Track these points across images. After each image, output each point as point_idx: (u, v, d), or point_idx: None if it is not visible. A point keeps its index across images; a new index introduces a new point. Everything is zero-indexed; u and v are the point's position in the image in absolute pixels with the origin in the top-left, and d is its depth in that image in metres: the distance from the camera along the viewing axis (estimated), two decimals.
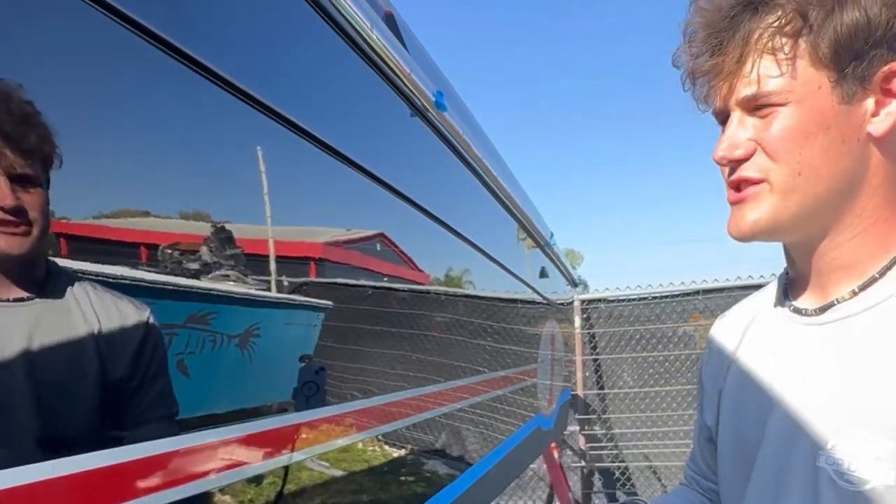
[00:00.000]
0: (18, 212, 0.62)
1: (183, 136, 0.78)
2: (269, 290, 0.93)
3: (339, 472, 1.15)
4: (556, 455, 4.56)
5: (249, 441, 0.84)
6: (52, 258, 0.64)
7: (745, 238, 0.75)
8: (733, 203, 0.75)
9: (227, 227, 0.84)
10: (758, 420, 0.79)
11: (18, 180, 0.61)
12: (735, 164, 0.72)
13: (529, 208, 2.74)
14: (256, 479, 0.87)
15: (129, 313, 0.71)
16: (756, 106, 0.70)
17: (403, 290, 1.60)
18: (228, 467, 0.79)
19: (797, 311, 0.78)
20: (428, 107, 1.33)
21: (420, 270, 1.61)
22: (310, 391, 1.06)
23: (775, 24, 0.67)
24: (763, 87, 0.69)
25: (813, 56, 0.67)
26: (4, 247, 0.63)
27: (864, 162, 0.69)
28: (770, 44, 0.68)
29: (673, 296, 5.08)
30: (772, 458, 0.77)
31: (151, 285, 0.73)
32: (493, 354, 2.29)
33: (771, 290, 0.88)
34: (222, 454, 0.79)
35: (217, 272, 0.84)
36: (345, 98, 1.19)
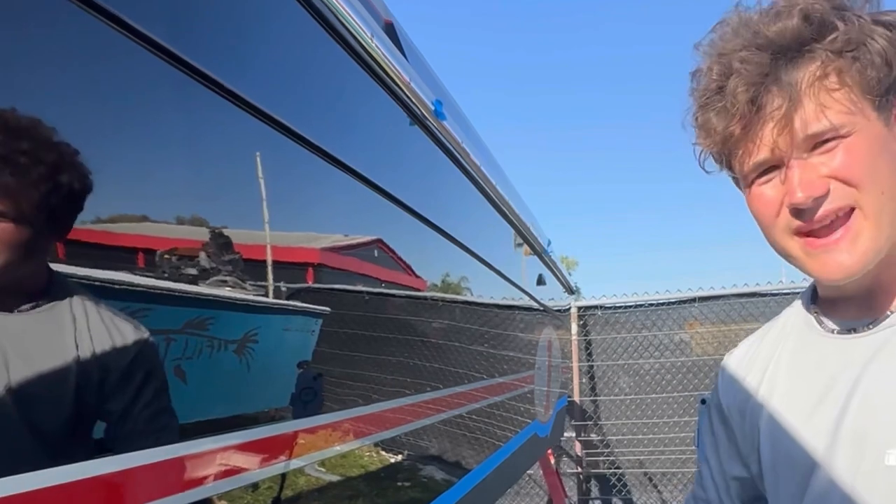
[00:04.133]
0: (17, 219, 0.62)
1: (183, 143, 0.79)
2: (267, 295, 0.94)
3: (336, 479, 1.15)
4: (552, 461, 4.56)
5: (247, 448, 0.85)
6: (49, 264, 0.65)
7: (850, 278, 0.74)
8: (821, 247, 0.74)
9: (226, 232, 0.84)
10: (816, 440, 0.79)
11: (16, 187, 0.62)
12: (817, 203, 0.72)
13: (527, 215, 2.75)
14: (254, 486, 0.87)
15: (127, 321, 0.71)
16: (820, 144, 0.72)
17: (401, 297, 1.60)
18: (226, 474, 0.79)
19: (848, 331, 0.78)
20: (427, 115, 1.34)
21: (418, 277, 1.62)
22: (307, 397, 1.06)
23: (821, 66, 0.71)
24: (832, 122, 0.70)
25: (861, 88, 0.71)
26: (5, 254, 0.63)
27: None
28: (824, 84, 0.71)
29: (669, 303, 5.09)
30: (839, 466, 0.76)
31: (148, 291, 0.74)
32: (491, 361, 2.29)
33: (792, 322, 0.89)
34: (220, 461, 0.79)
35: (215, 278, 0.84)
36: (345, 106, 1.20)
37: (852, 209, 0.72)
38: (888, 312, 0.76)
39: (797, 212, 0.73)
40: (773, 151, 0.73)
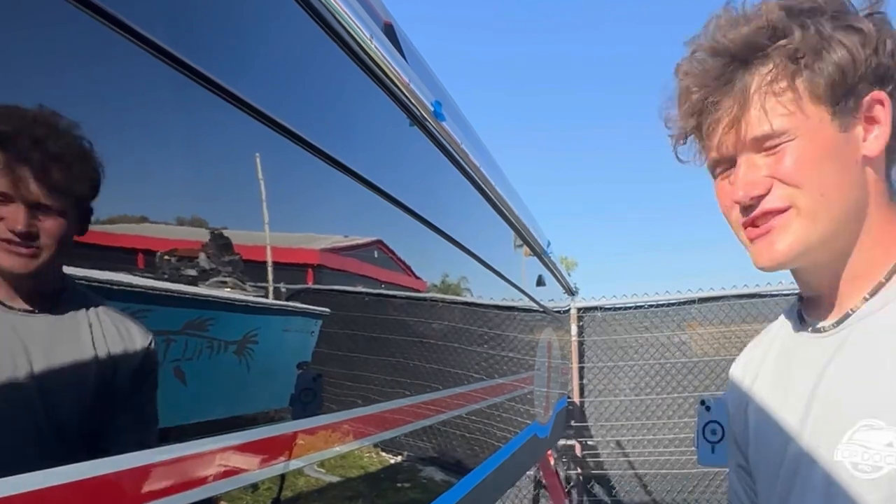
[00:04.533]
0: (31, 223, 0.63)
1: (184, 145, 0.79)
2: (267, 296, 0.94)
3: (335, 479, 1.15)
4: (552, 462, 4.56)
5: (246, 448, 0.85)
6: (57, 267, 0.65)
7: (777, 266, 0.80)
8: (756, 238, 0.80)
9: (226, 233, 0.84)
10: (782, 434, 0.85)
11: (27, 191, 0.62)
12: (755, 200, 0.78)
13: (527, 216, 2.75)
14: (254, 487, 0.88)
15: (131, 323, 0.71)
16: (766, 146, 0.77)
17: (401, 298, 1.60)
18: (226, 475, 0.80)
19: (816, 330, 0.84)
20: (426, 116, 1.34)
21: (418, 278, 1.62)
22: (307, 398, 1.06)
23: (772, 71, 0.75)
24: (773, 127, 0.76)
25: (812, 94, 0.75)
26: (14, 257, 0.64)
27: (864, 182, 0.78)
28: (771, 89, 0.75)
29: (669, 304, 5.10)
30: (794, 461, 0.82)
31: (148, 291, 0.74)
32: (490, 362, 2.29)
33: (784, 321, 0.94)
34: (219, 462, 0.79)
35: (215, 279, 0.84)
36: (344, 107, 1.20)
37: (790, 207, 0.78)
38: (849, 311, 0.80)
39: (742, 207, 0.80)
40: (724, 151, 0.80)
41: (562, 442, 5.05)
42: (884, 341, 0.76)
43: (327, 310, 1.10)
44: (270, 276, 0.95)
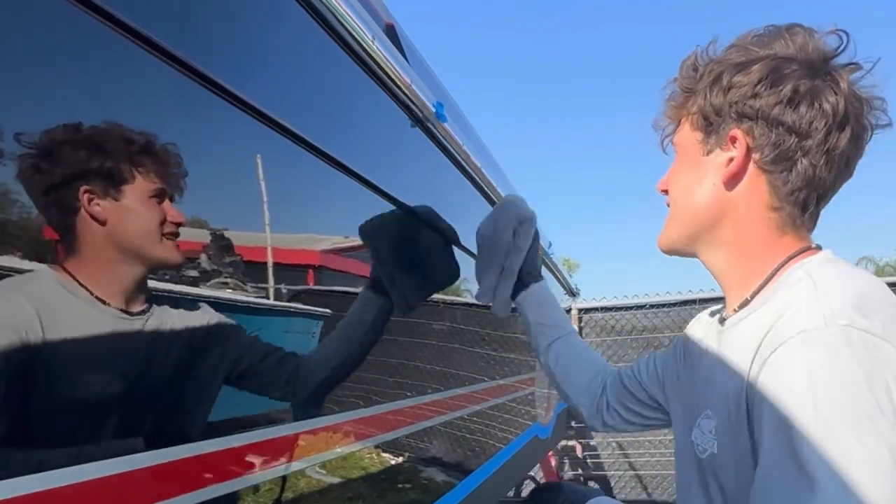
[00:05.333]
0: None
1: (183, 145, 0.79)
2: (267, 297, 0.94)
3: (336, 480, 1.15)
4: (553, 464, 4.56)
5: (246, 451, 0.85)
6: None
7: (663, 250, 1.05)
8: None
9: (227, 234, 0.84)
10: (679, 404, 1.11)
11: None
12: (664, 194, 1.06)
13: None
14: (254, 489, 0.87)
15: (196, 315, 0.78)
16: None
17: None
18: (222, 477, 0.79)
19: (721, 321, 1.00)
20: (428, 117, 1.34)
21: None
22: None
23: (682, 103, 0.99)
24: (670, 143, 1.04)
25: (691, 124, 0.98)
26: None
27: (725, 202, 0.94)
28: (679, 114, 1.01)
29: (670, 304, 5.09)
30: (678, 442, 1.07)
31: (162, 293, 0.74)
32: (492, 363, 2.29)
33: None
34: (217, 464, 0.79)
35: (215, 280, 0.84)
36: (346, 108, 1.20)
37: (669, 206, 1.04)
38: (729, 315, 0.97)
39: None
40: None
41: (563, 443, 5.05)
42: (731, 348, 0.92)
43: (328, 311, 1.10)
44: (272, 277, 0.95)
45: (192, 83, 0.76)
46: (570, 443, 5.22)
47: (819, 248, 0.93)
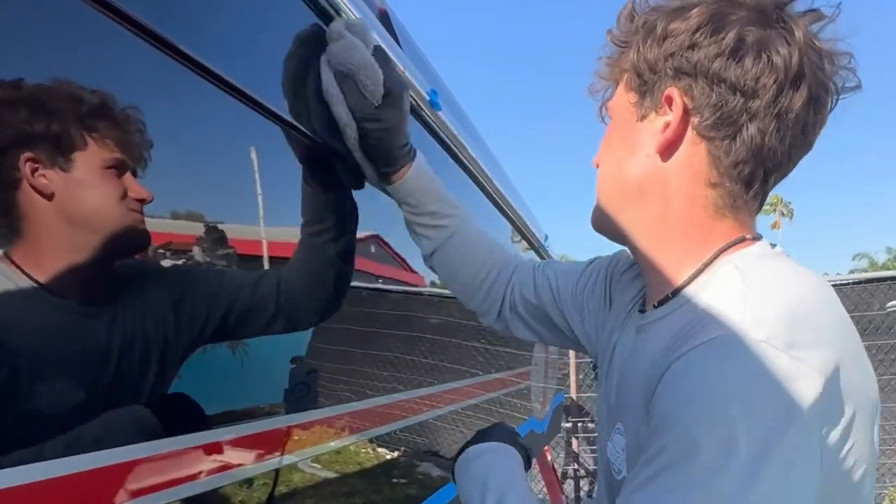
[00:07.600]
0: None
1: (180, 137, 0.77)
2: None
3: (331, 475, 1.14)
4: (549, 458, 4.56)
5: (240, 443, 0.83)
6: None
7: (594, 227, 0.89)
8: None
9: (220, 227, 0.83)
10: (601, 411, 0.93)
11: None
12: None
13: (524, 210, 2.74)
14: (248, 482, 0.86)
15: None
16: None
17: (398, 293, 1.59)
18: (218, 470, 0.78)
19: (641, 311, 0.86)
20: (422, 105, 1.32)
21: (414, 272, 1.61)
22: (301, 392, 1.05)
23: (624, 59, 0.80)
24: (610, 102, 0.85)
25: (627, 81, 0.80)
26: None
27: (657, 175, 0.78)
28: (616, 70, 0.82)
29: None
30: (599, 447, 0.91)
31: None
32: (487, 357, 2.28)
33: None
34: (213, 456, 0.78)
35: (208, 270, 0.83)
36: None
37: None
38: (648, 310, 0.82)
39: None
40: None
41: (558, 437, 5.06)
42: (644, 352, 0.76)
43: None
44: (267, 269, 0.94)
45: (185, 70, 0.74)
46: (566, 437, 5.23)
47: (756, 238, 0.77)
